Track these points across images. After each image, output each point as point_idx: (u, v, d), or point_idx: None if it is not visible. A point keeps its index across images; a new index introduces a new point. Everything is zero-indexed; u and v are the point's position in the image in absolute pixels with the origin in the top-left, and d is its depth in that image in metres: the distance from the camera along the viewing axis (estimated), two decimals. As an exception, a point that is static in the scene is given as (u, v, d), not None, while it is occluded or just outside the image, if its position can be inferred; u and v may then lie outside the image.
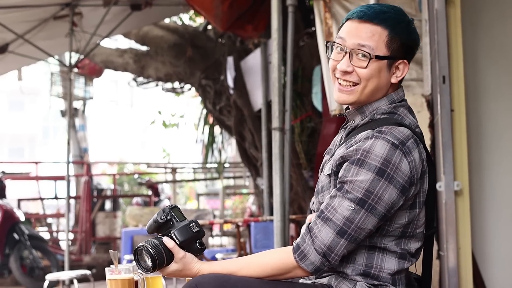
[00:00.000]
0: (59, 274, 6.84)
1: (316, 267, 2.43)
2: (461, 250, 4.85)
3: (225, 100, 10.77)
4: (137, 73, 11.71)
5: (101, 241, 13.59)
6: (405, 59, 2.57)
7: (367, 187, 2.40)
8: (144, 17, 9.54)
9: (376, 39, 2.53)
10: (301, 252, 2.44)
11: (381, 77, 2.55)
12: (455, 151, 4.86)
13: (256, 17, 8.81)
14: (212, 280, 2.46)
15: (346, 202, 2.42)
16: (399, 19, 2.55)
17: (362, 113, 2.59)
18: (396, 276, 2.53)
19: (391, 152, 2.41)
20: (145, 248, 2.58)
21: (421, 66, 5.72)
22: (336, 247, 2.42)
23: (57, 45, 9.50)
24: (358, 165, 2.42)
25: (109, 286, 2.85)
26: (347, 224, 2.41)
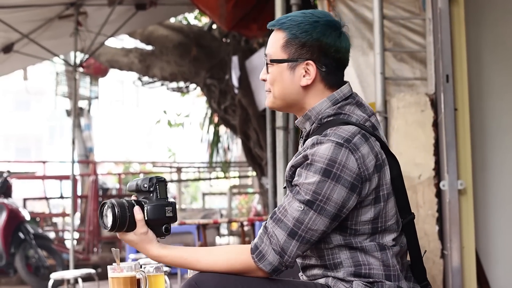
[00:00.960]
0: (63, 273, 6.84)
1: (274, 267, 2.44)
2: (465, 249, 4.84)
3: (230, 99, 10.79)
4: (142, 73, 11.74)
5: (107, 240, 13.61)
6: (310, 60, 2.53)
7: (314, 188, 2.40)
8: (149, 16, 9.55)
9: (275, 45, 2.55)
10: (259, 253, 2.45)
11: (284, 80, 2.56)
12: (458, 150, 4.85)
13: (261, 16, 8.81)
14: (212, 278, 2.46)
15: (295, 203, 2.43)
16: (302, 21, 2.53)
17: (309, 119, 2.58)
18: (389, 270, 2.53)
19: (336, 151, 2.40)
20: (111, 205, 2.57)
21: (425, 65, 5.72)
22: (289, 249, 2.43)
23: (62, 44, 9.51)
24: (305, 169, 2.42)
25: (111, 284, 2.85)
26: (297, 225, 2.42)
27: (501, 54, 5.76)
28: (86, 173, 14.44)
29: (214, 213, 12.36)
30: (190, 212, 12.50)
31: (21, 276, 10.48)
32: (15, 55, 9.36)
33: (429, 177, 5.09)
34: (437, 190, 5.09)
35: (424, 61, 5.74)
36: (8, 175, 10.80)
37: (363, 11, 5.90)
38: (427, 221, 5.05)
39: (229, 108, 10.93)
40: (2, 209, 10.29)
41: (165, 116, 15.92)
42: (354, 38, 5.88)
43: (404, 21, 5.82)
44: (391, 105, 5.28)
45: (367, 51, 5.85)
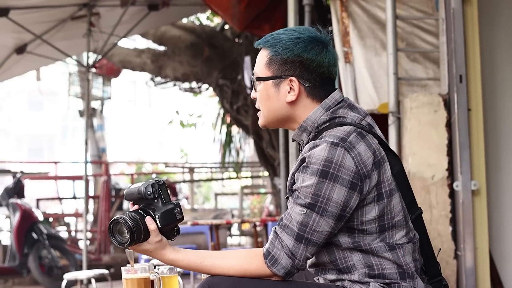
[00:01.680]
0: (77, 273, 6.86)
1: (287, 270, 2.46)
2: (478, 250, 4.84)
3: (242, 99, 10.79)
4: (155, 73, 11.75)
5: (119, 241, 13.59)
6: (292, 77, 2.55)
7: (313, 191, 2.41)
8: (161, 17, 9.56)
9: (260, 63, 2.61)
10: (272, 258, 2.46)
11: (270, 97, 2.58)
12: (472, 150, 4.85)
13: (273, 16, 8.80)
14: (225, 281, 2.47)
15: (297, 208, 2.44)
16: (283, 38, 2.56)
17: (305, 130, 2.58)
18: (402, 269, 2.52)
19: (332, 151, 2.41)
20: (125, 221, 2.55)
21: (438, 65, 5.71)
22: (298, 252, 2.45)
23: (75, 45, 9.54)
24: (303, 172, 2.44)
25: (125, 285, 2.85)
26: (302, 229, 2.43)
27: (515, 55, 5.74)
28: (99, 174, 14.45)
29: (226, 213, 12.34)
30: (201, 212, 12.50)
31: (34, 276, 10.51)
32: (28, 56, 9.39)
33: (442, 177, 5.07)
34: (450, 190, 5.08)
35: (437, 61, 5.74)
36: (21, 176, 10.83)
37: (376, 11, 5.90)
38: (440, 222, 5.04)
39: (242, 108, 10.93)
40: (16, 210, 10.32)
41: (178, 117, 15.93)
42: (367, 39, 5.88)
43: (417, 21, 5.81)
44: (404, 106, 5.27)
45: (380, 51, 5.85)
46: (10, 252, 10.35)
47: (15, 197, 10.48)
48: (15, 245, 10.17)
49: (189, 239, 11.72)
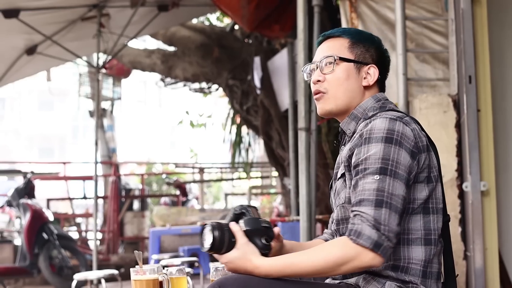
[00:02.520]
0: (87, 273, 6.86)
1: (374, 241, 2.36)
2: (488, 251, 4.82)
3: (252, 100, 10.79)
4: (165, 74, 11.76)
5: (129, 241, 13.65)
6: (374, 65, 2.72)
7: (382, 155, 2.45)
8: (171, 17, 9.56)
9: (338, 47, 2.73)
10: (354, 232, 2.39)
11: (350, 79, 2.70)
12: (481, 151, 4.84)
13: (283, 17, 8.80)
14: (235, 281, 2.45)
15: (369, 178, 2.44)
16: (359, 31, 2.81)
17: (355, 117, 2.69)
18: (426, 268, 2.53)
19: (392, 123, 2.50)
20: (210, 226, 2.58)
21: (447, 66, 5.70)
22: (381, 218, 2.38)
23: (85, 46, 9.55)
24: (366, 144, 2.49)
25: (133, 286, 2.86)
26: (379, 194, 2.41)
27: (525, 55, 5.72)
28: (109, 174, 14.48)
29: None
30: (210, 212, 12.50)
31: (45, 276, 10.53)
32: (39, 57, 9.40)
33: (451, 178, 5.06)
34: (459, 191, 5.07)
35: (446, 61, 5.72)
36: (31, 176, 10.87)
37: (385, 12, 5.89)
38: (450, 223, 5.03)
39: (251, 108, 10.93)
40: (26, 210, 10.35)
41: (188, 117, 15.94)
42: (376, 39, 5.86)
43: (426, 21, 5.80)
44: (414, 106, 5.26)
45: (389, 51, 5.81)
46: (20, 252, 10.38)
47: (26, 197, 10.51)
48: (26, 245, 10.20)
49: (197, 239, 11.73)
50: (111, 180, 13.60)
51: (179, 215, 12.10)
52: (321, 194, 9.01)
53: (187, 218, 11.88)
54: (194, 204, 16.21)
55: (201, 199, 17.05)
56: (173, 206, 15.04)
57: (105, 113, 16.09)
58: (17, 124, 47.41)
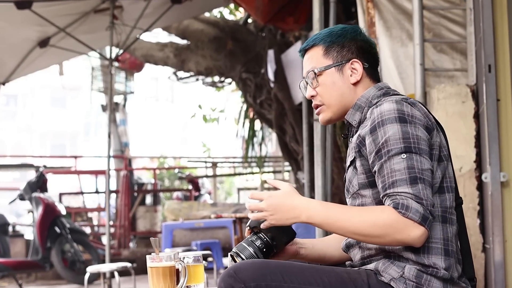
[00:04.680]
0: (100, 266, 6.82)
1: (422, 215, 2.34)
2: (507, 243, 4.75)
3: (266, 93, 10.73)
4: (178, 67, 11.71)
5: (141, 235, 13.63)
6: (355, 59, 2.69)
7: (401, 135, 2.43)
8: (185, 10, 9.50)
9: (315, 58, 2.73)
10: (402, 205, 2.36)
11: (336, 84, 2.70)
12: (501, 141, 4.77)
13: (297, 9, 8.75)
14: (251, 266, 2.41)
15: (395, 159, 2.42)
16: (330, 31, 2.74)
17: (359, 108, 2.68)
18: (447, 247, 2.48)
19: (399, 105, 2.49)
20: (230, 257, 2.63)
21: (465, 56, 5.62)
22: (421, 193, 2.37)
23: (98, 38, 9.50)
24: (380, 127, 2.47)
25: (150, 273, 2.81)
26: (411, 171, 2.40)
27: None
28: (121, 168, 14.46)
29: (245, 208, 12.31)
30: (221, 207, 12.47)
31: (57, 271, 10.52)
32: (51, 50, 9.37)
33: (470, 169, 4.99)
34: (478, 183, 5.00)
35: (464, 52, 5.64)
36: (43, 170, 10.84)
37: (402, 2, 5.81)
38: (468, 214, 4.95)
39: (265, 102, 10.87)
40: (39, 204, 10.34)
41: (200, 111, 15.90)
42: (393, 29, 5.79)
43: (444, 11, 5.72)
44: (431, 97, 5.19)
45: (406, 42, 5.76)
46: (33, 246, 10.37)
47: (38, 191, 10.50)
48: (38, 239, 10.19)
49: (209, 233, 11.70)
50: (123, 174, 13.58)
51: (190, 210, 12.08)
52: (335, 188, 8.95)
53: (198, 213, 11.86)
54: (207, 198, 16.17)
55: (214, 194, 17.00)
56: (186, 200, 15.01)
57: (117, 107, 16.04)
58: (29, 120, 47.50)
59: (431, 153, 2.48)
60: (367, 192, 2.55)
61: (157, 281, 2.80)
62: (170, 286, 2.80)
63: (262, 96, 10.84)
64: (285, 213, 2.50)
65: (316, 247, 2.80)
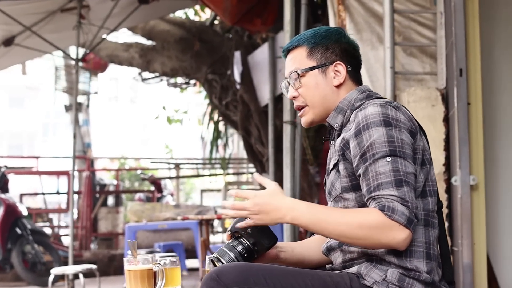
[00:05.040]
0: (64, 268, 6.78)
1: (407, 217, 2.34)
2: (476, 246, 4.79)
3: (232, 95, 10.71)
4: (143, 68, 11.64)
5: (103, 237, 13.54)
6: (339, 61, 2.68)
7: (386, 138, 2.43)
8: (152, 11, 9.45)
9: (298, 59, 2.71)
10: (388, 208, 2.35)
11: (320, 86, 2.68)
12: (471, 145, 4.80)
13: (265, 11, 8.75)
14: (233, 269, 2.39)
15: (380, 162, 2.42)
16: (314, 32, 2.73)
17: (341, 110, 2.67)
18: (429, 250, 2.49)
19: (384, 108, 2.48)
20: (210, 261, 2.60)
21: (435, 60, 5.65)
22: (406, 195, 2.37)
23: (64, 38, 9.41)
24: (365, 130, 2.46)
25: (127, 276, 2.78)
26: (396, 174, 2.39)
27: (512, 50, 5.71)
28: (83, 169, 14.34)
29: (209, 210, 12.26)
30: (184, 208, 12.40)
31: (18, 272, 10.41)
32: (16, 49, 9.26)
33: (439, 172, 5.02)
34: (446, 186, 5.03)
35: (434, 55, 5.68)
36: (5, 170, 10.71)
37: (373, 5, 5.82)
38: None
39: (231, 103, 10.84)
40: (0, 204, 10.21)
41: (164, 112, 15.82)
42: (364, 32, 5.81)
43: (414, 15, 5.75)
44: (401, 100, 5.21)
45: (377, 45, 5.78)
46: (-7, 247, 10.24)
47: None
48: (-1, 240, 10.06)
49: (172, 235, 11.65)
50: (85, 175, 13.47)
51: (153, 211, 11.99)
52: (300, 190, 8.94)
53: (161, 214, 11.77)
54: (169, 200, 16.11)
55: (177, 195, 16.94)
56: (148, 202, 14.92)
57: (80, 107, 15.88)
58: (-14, 120, 47.01)
59: (414, 157, 2.48)
60: (350, 196, 2.55)
61: (135, 284, 2.78)
62: (148, 288, 2.78)
63: (228, 98, 10.82)
64: (270, 213, 2.49)
65: (295, 250, 2.78)
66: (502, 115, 5.57)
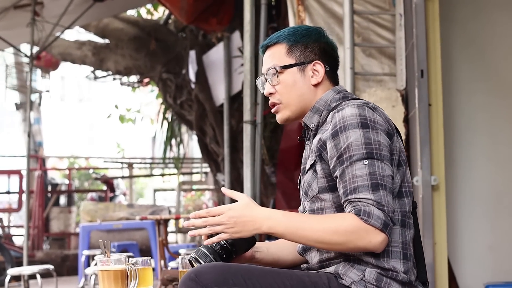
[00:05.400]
0: (21, 268, 6.69)
1: (383, 221, 2.36)
2: (437, 245, 4.84)
3: (186, 94, 10.68)
4: (96, 66, 11.54)
5: (55, 237, 13.40)
6: (317, 61, 2.68)
7: (363, 141, 2.44)
8: (106, 8, 9.38)
9: (277, 55, 2.71)
10: (364, 212, 2.37)
11: (297, 84, 2.68)
12: (432, 145, 4.85)
13: (221, 10, 8.75)
14: (212, 270, 2.39)
15: (357, 165, 2.42)
16: (294, 30, 2.73)
17: (317, 110, 2.67)
18: (406, 250, 2.51)
19: (361, 110, 2.48)
20: (192, 259, 2.57)
21: (394, 61, 5.70)
22: (382, 200, 2.38)
23: (17, 35, 9.29)
24: (342, 132, 2.47)
25: (101, 277, 2.76)
26: (373, 178, 2.40)
27: (471, 52, 5.80)
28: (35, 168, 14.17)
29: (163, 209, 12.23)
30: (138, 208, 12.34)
31: (-32, 273, 10.25)
32: (-34, 46, 9.14)
33: (399, 173, 5.05)
34: (407, 186, 5.07)
35: (392, 56, 5.73)
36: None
37: (332, 6, 5.86)
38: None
39: (185, 103, 10.81)
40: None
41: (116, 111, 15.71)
42: (324, 33, 5.83)
43: (373, 16, 5.79)
44: (362, 101, 5.24)
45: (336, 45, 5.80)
46: None
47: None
48: None
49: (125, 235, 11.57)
50: (37, 174, 13.32)
51: (107, 211, 11.92)
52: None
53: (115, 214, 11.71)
54: (122, 200, 16.01)
55: (130, 195, 16.84)
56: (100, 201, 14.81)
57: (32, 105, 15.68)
58: None
59: (391, 158, 2.49)
60: (326, 196, 2.55)
61: (108, 284, 2.76)
62: (121, 289, 2.77)
63: (182, 97, 10.79)
64: (246, 224, 2.47)
65: (270, 250, 2.79)
66: (461, 116, 5.66)
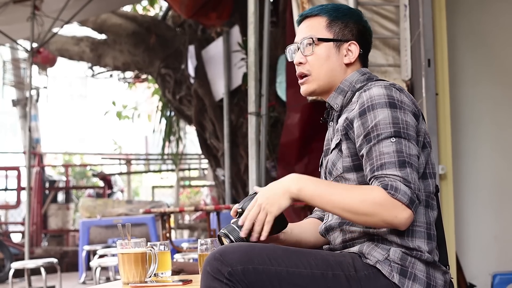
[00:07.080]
0: (25, 262, 6.70)
1: (410, 197, 2.36)
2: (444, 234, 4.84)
3: (186, 89, 10.68)
4: (94, 62, 11.54)
5: (53, 234, 13.40)
6: (354, 41, 2.68)
7: (391, 120, 2.44)
8: (105, 4, 9.38)
9: (316, 27, 2.68)
10: (391, 187, 2.36)
11: (331, 58, 2.67)
12: (439, 135, 4.87)
13: (220, 5, 8.76)
14: (237, 250, 2.39)
15: (385, 142, 2.43)
16: (337, 6, 2.71)
17: (342, 91, 2.67)
18: (429, 231, 2.51)
19: (388, 90, 2.48)
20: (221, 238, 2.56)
21: (398, 52, 5.71)
22: (409, 176, 2.38)
23: (16, 30, 9.27)
24: (370, 111, 2.48)
25: (121, 260, 2.77)
26: (400, 155, 2.41)
27: (474, 42, 5.81)
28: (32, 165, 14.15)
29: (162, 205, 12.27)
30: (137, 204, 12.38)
31: (-33, 269, 10.26)
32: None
33: (406, 162, 5.06)
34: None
35: (396, 47, 5.74)
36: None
37: (337, -3, 5.86)
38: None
39: (184, 98, 10.81)
40: None
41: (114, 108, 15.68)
42: (328, 24, 5.83)
43: (377, 7, 5.80)
44: (367, 91, 5.24)
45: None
46: None
47: None
48: None
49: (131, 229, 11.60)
50: (35, 171, 13.30)
51: (105, 207, 11.96)
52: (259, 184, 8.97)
53: (114, 210, 11.76)
54: (119, 196, 16.01)
55: (128, 191, 16.84)
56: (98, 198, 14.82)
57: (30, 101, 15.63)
58: None
59: (417, 139, 2.49)
60: (351, 176, 2.56)
61: (129, 267, 2.76)
62: (142, 272, 2.77)
63: (181, 92, 10.78)
64: (276, 192, 2.49)
65: (293, 232, 2.79)
66: (465, 106, 5.68)
